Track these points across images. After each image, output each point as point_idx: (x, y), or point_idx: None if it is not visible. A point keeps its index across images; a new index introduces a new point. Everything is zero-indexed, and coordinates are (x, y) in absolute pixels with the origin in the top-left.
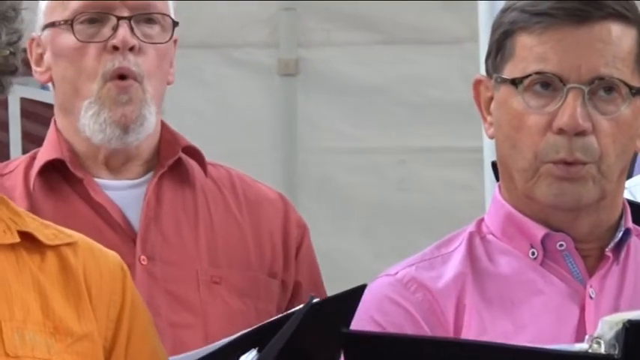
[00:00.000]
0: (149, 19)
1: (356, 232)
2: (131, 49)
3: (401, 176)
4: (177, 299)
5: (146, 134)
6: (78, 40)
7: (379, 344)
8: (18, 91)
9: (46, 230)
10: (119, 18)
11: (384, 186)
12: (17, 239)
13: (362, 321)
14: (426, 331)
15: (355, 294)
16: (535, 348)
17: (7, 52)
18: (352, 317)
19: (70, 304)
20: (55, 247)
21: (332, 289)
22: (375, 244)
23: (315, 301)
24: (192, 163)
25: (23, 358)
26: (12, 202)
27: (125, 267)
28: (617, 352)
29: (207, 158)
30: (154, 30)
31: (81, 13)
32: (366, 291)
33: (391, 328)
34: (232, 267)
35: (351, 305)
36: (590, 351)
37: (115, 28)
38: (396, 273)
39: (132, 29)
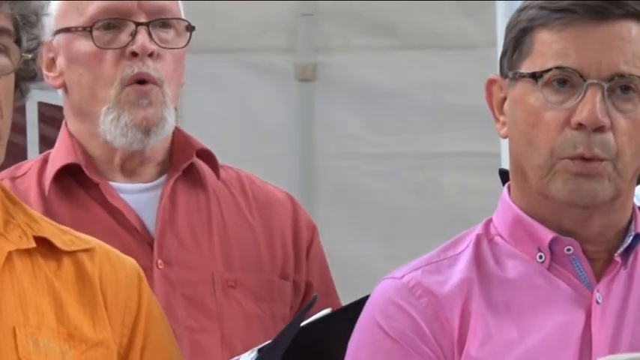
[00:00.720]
0: (164, 24)
1: (373, 238)
2: (150, 54)
3: (419, 181)
4: (194, 303)
5: (166, 136)
6: (96, 46)
7: None
8: (35, 96)
9: (62, 236)
10: (137, 24)
11: (402, 191)
12: (33, 245)
13: (366, 323)
14: (429, 339)
15: (361, 305)
16: None
17: (28, 57)
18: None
19: (85, 311)
20: (71, 253)
21: (349, 294)
22: (392, 250)
23: (325, 312)
24: (204, 166)
25: None
26: (29, 208)
27: (142, 273)
28: None
29: (224, 162)
30: (170, 35)
31: (98, 20)
32: (374, 293)
33: (393, 333)
34: (246, 270)
35: (358, 316)
36: None
37: (134, 35)
38: (402, 276)
39: (150, 35)
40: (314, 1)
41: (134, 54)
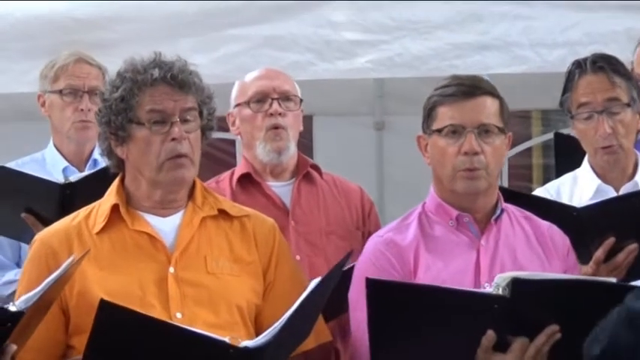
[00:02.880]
0: (287, 98)
1: None
2: (280, 114)
3: None
4: (310, 244)
5: (290, 157)
6: (252, 111)
7: (390, 287)
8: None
9: (234, 208)
10: (272, 99)
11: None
12: (215, 213)
13: (364, 261)
14: (398, 269)
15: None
16: (462, 290)
17: (207, 120)
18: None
19: (244, 247)
20: (238, 217)
21: None
22: None
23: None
24: (314, 172)
25: (218, 274)
26: (216, 193)
27: (276, 226)
28: (508, 294)
29: (336, 174)
30: (290, 103)
31: (252, 98)
32: (367, 244)
33: (378, 266)
34: (338, 226)
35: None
36: (493, 293)
37: (271, 104)
38: (383, 235)
39: (279, 104)
40: (382, 87)
41: (272, 114)
